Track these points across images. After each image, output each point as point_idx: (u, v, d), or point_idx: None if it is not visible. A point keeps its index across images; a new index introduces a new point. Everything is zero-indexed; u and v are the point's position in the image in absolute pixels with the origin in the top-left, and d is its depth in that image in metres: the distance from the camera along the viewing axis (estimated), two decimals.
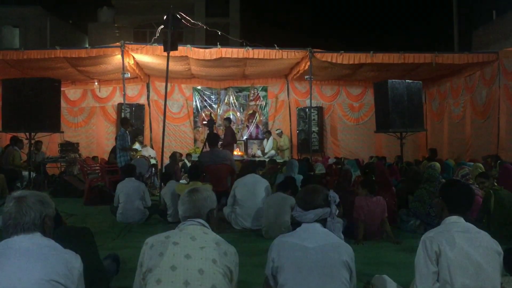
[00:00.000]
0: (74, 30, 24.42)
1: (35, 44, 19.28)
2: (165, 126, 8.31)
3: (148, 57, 11.09)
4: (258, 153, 12.95)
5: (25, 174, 9.45)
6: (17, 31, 21.30)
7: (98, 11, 23.27)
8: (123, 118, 9.93)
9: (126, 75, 10.75)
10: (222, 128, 13.19)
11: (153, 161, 10.93)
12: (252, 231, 5.77)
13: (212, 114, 13.65)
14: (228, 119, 11.44)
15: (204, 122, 13.36)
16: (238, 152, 12.09)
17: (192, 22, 10.22)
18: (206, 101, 14.59)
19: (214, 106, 14.59)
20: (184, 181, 8.60)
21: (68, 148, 12.02)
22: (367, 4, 33.95)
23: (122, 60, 10.51)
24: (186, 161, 11.99)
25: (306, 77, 11.21)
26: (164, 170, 8.67)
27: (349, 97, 14.70)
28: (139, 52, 10.71)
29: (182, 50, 10.22)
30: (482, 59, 11.33)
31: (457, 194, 2.61)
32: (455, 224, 2.53)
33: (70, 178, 9.85)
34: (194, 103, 14.54)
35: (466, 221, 2.57)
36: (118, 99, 13.60)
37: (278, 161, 10.55)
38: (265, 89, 14.64)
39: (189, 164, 11.16)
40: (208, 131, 10.29)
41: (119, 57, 10.59)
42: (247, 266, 3.72)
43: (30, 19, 21.03)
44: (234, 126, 12.71)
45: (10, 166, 9.62)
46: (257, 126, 14.67)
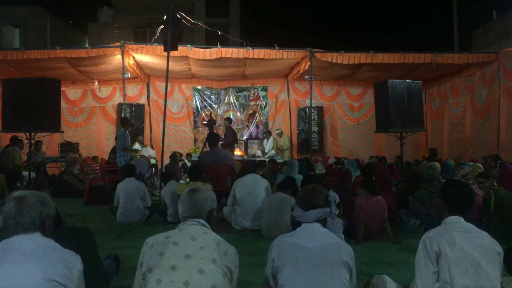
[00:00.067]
0: (74, 30, 24.41)
1: (35, 44, 19.27)
2: (165, 126, 8.32)
3: (148, 57, 11.09)
4: (258, 153, 12.94)
5: (25, 174, 9.46)
6: (17, 31, 21.29)
7: (98, 11, 23.26)
8: (123, 118, 9.93)
9: (126, 75, 10.75)
10: (222, 128, 13.20)
11: (153, 161, 10.92)
12: (252, 231, 5.77)
13: (212, 114, 13.65)
14: (228, 119, 11.45)
15: (204, 122, 13.36)
16: (238, 152, 12.09)
17: (192, 22, 10.22)
18: (206, 101, 14.59)
19: (214, 106, 14.59)
20: (184, 181, 8.60)
21: (68, 148, 12.02)
22: (367, 4, 33.96)
23: (122, 60, 10.51)
24: (186, 161, 11.99)
25: (306, 77, 11.21)
26: (164, 170, 8.67)
27: (349, 97, 14.70)
28: (139, 52, 10.72)
29: (182, 50, 10.22)
30: (482, 59, 11.33)
31: (457, 194, 2.61)
32: (455, 224, 2.53)
33: (70, 178, 9.85)
34: (194, 103, 14.54)
35: (466, 221, 2.57)
36: (118, 99, 13.60)
37: (278, 161, 10.55)
38: (265, 89, 14.64)
39: (189, 164, 11.15)
40: (208, 131, 10.29)
41: (119, 57, 10.59)
42: (247, 266, 3.72)
43: (30, 19, 21.02)
44: (234, 126, 12.70)
45: (10, 166, 9.62)
46: (257, 126, 14.67)
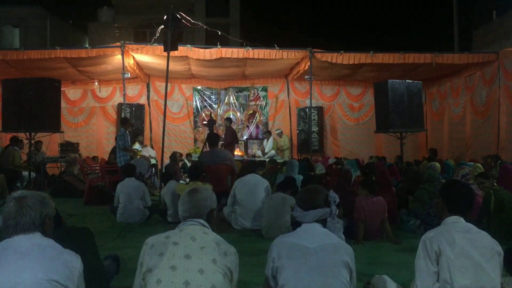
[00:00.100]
0: (74, 30, 24.41)
1: (35, 44, 19.28)
2: (165, 126, 8.32)
3: (148, 57, 11.09)
4: (258, 153, 12.94)
5: (25, 174, 9.45)
6: (17, 31, 21.28)
7: (98, 11, 23.27)
8: (123, 118, 9.92)
9: (126, 75, 10.75)
10: (222, 128, 13.19)
11: (153, 161, 10.92)
12: (252, 231, 5.77)
13: (212, 114, 13.65)
14: (228, 119, 11.44)
15: (204, 122, 13.36)
16: (238, 152, 12.09)
17: (192, 22, 10.22)
18: (206, 101, 14.59)
19: (214, 106, 14.59)
20: (184, 181, 8.60)
21: (68, 148, 12.02)
22: (367, 4, 33.98)
23: (122, 60, 10.51)
24: (186, 161, 11.99)
25: (306, 77, 11.21)
26: (164, 170, 8.67)
27: (349, 97, 14.70)
28: (139, 52, 10.72)
29: (182, 50, 10.22)
30: (482, 59, 11.33)
31: (457, 194, 2.61)
32: (455, 224, 2.53)
33: (70, 178, 9.85)
34: (194, 103, 14.54)
35: (466, 221, 2.57)
36: (118, 99, 13.60)
37: (278, 161, 10.55)
38: (265, 89, 14.64)
39: (189, 164, 11.16)
40: (208, 131, 10.29)
41: (119, 57, 10.59)
42: (247, 266, 3.71)
43: (30, 19, 21.02)
44: (234, 126, 12.70)
45: (10, 166, 9.62)
46: (257, 126, 14.67)
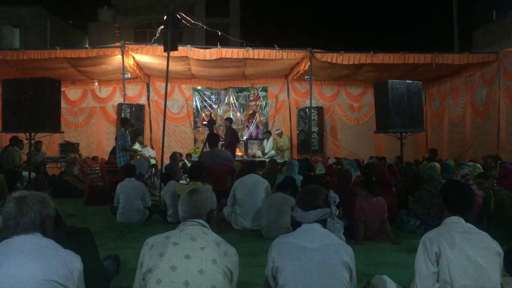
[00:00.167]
0: (74, 30, 24.39)
1: (35, 44, 19.25)
2: (165, 126, 8.32)
3: (148, 57, 11.09)
4: (258, 153, 12.95)
5: (25, 174, 9.44)
6: (17, 31, 21.25)
7: (98, 11, 23.27)
8: (123, 118, 9.92)
9: (126, 75, 10.75)
10: (222, 128, 13.19)
11: (153, 161, 10.92)
12: (252, 231, 5.76)
13: (212, 114, 13.66)
14: (229, 119, 11.40)
15: (204, 123, 13.36)
16: (238, 152, 12.09)
17: (192, 22, 10.22)
18: (206, 101, 14.59)
19: (214, 106, 14.59)
20: (184, 181, 8.60)
21: (68, 148, 12.02)
22: (367, 4, 33.98)
23: (122, 60, 10.51)
24: (186, 161, 11.99)
25: (306, 77, 11.21)
26: (164, 170, 8.67)
27: (349, 97, 14.70)
28: (139, 52, 10.72)
29: (182, 50, 10.23)
30: (482, 59, 11.33)
31: (457, 195, 2.60)
32: (455, 224, 2.53)
33: (70, 178, 9.85)
34: (194, 103, 14.54)
35: (466, 221, 2.57)
36: (118, 99, 13.61)
37: (278, 161, 10.55)
38: (265, 89, 14.64)
39: (189, 164, 11.15)
40: (208, 132, 10.29)
41: (119, 57, 10.59)
42: (247, 266, 3.71)
43: (30, 19, 21.00)
44: (234, 126, 12.70)
45: (10, 166, 9.62)
46: (257, 126, 14.67)
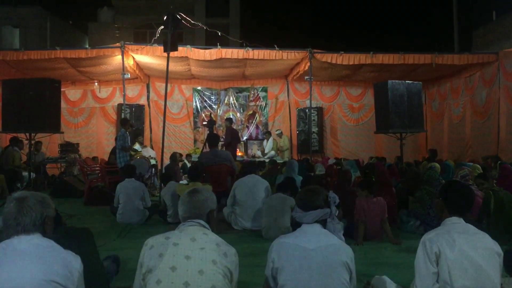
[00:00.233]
0: (74, 30, 24.38)
1: (35, 44, 19.24)
2: (165, 127, 8.33)
3: (148, 57, 11.10)
4: (258, 153, 12.95)
5: (25, 174, 9.44)
6: (17, 31, 21.24)
7: (98, 11, 23.25)
8: (123, 119, 9.91)
9: (126, 76, 10.75)
10: (222, 128, 13.19)
11: (153, 161, 10.92)
12: (251, 232, 5.76)
13: (212, 115, 13.66)
14: (229, 120, 11.39)
15: (204, 123, 13.36)
16: (238, 152, 12.08)
17: (192, 22, 10.22)
18: (206, 101, 14.59)
19: (214, 106, 14.59)
20: (184, 181, 8.60)
21: (68, 148, 12.00)
22: (367, 4, 33.98)
23: (122, 60, 10.51)
24: (186, 161, 11.99)
25: (306, 77, 11.21)
26: (164, 170, 8.67)
27: (349, 97, 14.71)
28: (139, 52, 10.72)
29: (182, 50, 10.24)
30: (482, 60, 11.34)
31: (457, 195, 2.60)
32: (455, 225, 2.53)
33: (70, 179, 9.85)
34: (194, 104, 14.55)
35: (466, 222, 2.57)
36: (118, 100, 13.61)
37: (278, 161, 10.55)
38: (265, 89, 14.64)
39: (189, 164, 11.15)
40: (208, 132, 10.29)
41: (119, 57, 10.59)
42: (247, 266, 3.71)
43: (30, 19, 20.99)
44: (234, 127, 12.70)
45: (10, 166, 9.62)
46: (257, 127, 14.67)
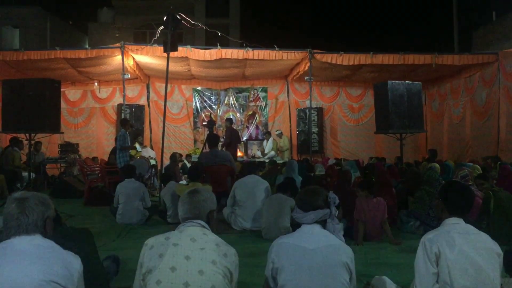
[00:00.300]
0: (74, 30, 24.39)
1: (35, 44, 19.24)
2: (165, 127, 8.33)
3: (148, 58, 11.10)
4: (258, 154, 12.94)
5: (24, 175, 9.45)
6: (17, 32, 21.24)
7: (98, 12, 23.26)
8: (123, 119, 9.91)
9: (126, 76, 10.76)
10: (222, 128, 13.19)
11: (153, 162, 10.92)
12: (251, 232, 5.75)
13: (212, 115, 13.66)
14: (229, 120, 11.40)
15: (204, 123, 13.36)
16: (238, 152, 12.08)
17: (192, 22, 10.22)
18: (206, 102, 14.60)
19: (214, 107, 14.59)
20: (184, 182, 8.60)
21: (68, 149, 12.01)
22: (367, 4, 34.00)
23: (122, 61, 10.52)
24: (186, 162, 11.98)
25: (306, 78, 11.21)
26: (164, 171, 8.67)
27: (349, 98, 14.71)
28: (139, 53, 10.73)
29: (182, 51, 10.24)
30: (482, 60, 11.34)
31: (456, 196, 2.60)
32: (455, 225, 2.52)
33: (70, 179, 9.85)
34: (194, 104, 14.55)
35: (466, 222, 2.57)
36: (118, 100, 13.61)
37: (278, 162, 10.55)
38: (265, 90, 14.64)
39: (189, 165, 11.15)
40: (208, 132, 10.28)
41: (119, 57, 10.60)
42: (247, 267, 3.71)
43: (30, 19, 20.99)
44: (234, 127, 12.69)
45: (10, 167, 9.62)
46: (257, 127, 14.67)
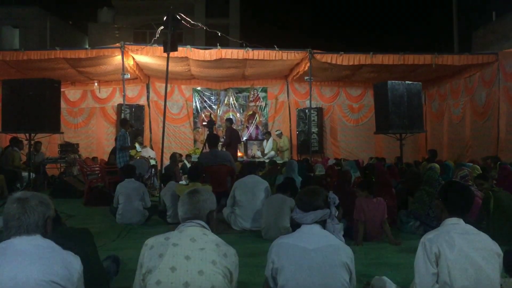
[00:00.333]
0: (74, 30, 24.39)
1: (35, 44, 19.25)
2: (165, 127, 8.32)
3: (148, 58, 11.10)
4: (258, 154, 12.94)
5: (24, 175, 9.45)
6: (17, 32, 21.24)
7: (98, 12, 23.26)
8: (123, 119, 9.90)
9: (126, 76, 10.76)
10: (222, 129, 13.19)
11: (152, 162, 10.92)
12: (251, 232, 5.75)
13: (212, 115, 13.66)
14: (229, 120, 11.39)
15: (204, 123, 13.36)
16: (238, 153, 12.07)
17: (192, 23, 10.21)
18: (206, 102, 14.60)
19: (214, 107, 14.60)
20: (183, 182, 8.60)
21: (68, 149, 12.00)
22: (367, 4, 34.00)
23: (122, 61, 10.52)
24: (186, 162, 11.98)
25: (306, 78, 11.21)
26: (163, 171, 8.67)
27: (348, 98, 14.71)
28: (139, 53, 10.73)
29: (182, 51, 10.24)
30: (481, 60, 11.34)
31: (456, 196, 2.60)
32: (455, 225, 2.53)
33: (70, 179, 9.85)
34: (194, 104, 14.55)
35: (466, 222, 2.57)
36: (118, 100, 13.61)
37: (278, 162, 10.54)
38: (265, 90, 14.64)
39: (188, 165, 11.15)
40: (208, 132, 10.28)
41: (119, 58, 10.60)
42: (247, 267, 3.72)
43: (30, 19, 20.99)
44: (234, 127, 12.68)
45: (10, 167, 9.62)
46: (256, 127, 14.67)
